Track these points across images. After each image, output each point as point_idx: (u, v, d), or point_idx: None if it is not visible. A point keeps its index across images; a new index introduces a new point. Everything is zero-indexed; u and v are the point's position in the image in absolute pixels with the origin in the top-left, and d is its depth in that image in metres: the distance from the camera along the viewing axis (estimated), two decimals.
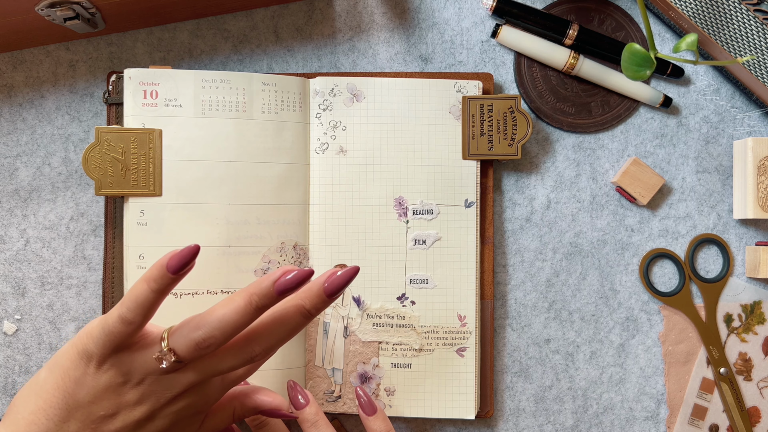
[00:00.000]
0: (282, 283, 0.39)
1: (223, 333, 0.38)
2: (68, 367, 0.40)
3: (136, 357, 0.40)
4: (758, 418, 0.55)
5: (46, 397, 0.40)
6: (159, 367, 0.39)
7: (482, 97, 0.53)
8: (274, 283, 0.39)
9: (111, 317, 0.39)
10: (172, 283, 0.39)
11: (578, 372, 0.56)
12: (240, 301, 0.39)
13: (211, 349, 0.39)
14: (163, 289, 0.39)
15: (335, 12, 0.56)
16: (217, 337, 0.38)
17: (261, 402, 0.46)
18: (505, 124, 0.53)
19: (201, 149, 0.51)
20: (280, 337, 0.40)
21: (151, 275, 0.38)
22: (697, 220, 0.56)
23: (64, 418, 0.40)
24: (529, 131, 0.53)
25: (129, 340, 0.40)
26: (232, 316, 0.38)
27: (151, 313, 0.39)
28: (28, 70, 0.55)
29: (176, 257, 0.38)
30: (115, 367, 0.40)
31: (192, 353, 0.39)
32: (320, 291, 0.40)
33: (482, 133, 0.53)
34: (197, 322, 0.39)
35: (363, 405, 0.50)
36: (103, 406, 0.40)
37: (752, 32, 0.52)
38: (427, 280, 0.53)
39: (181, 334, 0.39)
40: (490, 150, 0.53)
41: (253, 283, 0.39)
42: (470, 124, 0.53)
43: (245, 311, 0.39)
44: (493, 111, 0.53)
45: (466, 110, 0.53)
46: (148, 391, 0.40)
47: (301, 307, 0.40)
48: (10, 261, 0.55)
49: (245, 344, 0.40)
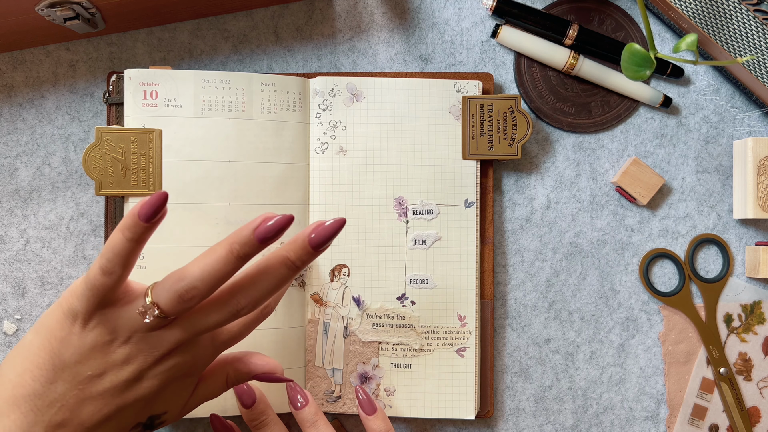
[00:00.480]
0: (262, 230, 0.38)
1: (206, 284, 0.37)
2: (54, 327, 0.40)
3: (121, 313, 0.39)
4: (758, 418, 0.55)
5: (32, 358, 0.39)
6: (143, 322, 0.39)
7: (482, 97, 0.53)
8: (254, 230, 0.38)
9: (92, 271, 0.38)
10: (146, 231, 0.38)
11: (578, 372, 0.56)
12: (221, 250, 0.38)
13: (194, 302, 0.38)
14: (138, 238, 0.38)
15: (335, 12, 0.56)
16: (199, 288, 0.38)
17: (254, 366, 0.45)
18: (505, 124, 0.53)
19: (201, 149, 0.51)
20: (265, 289, 0.39)
21: (125, 224, 0.38)
22: (697, 220, 0.56)
23: (50, 379, 0.39)
24: (529, 131, 0.53)
25: (113, 294, 0.39)
26: (214, 265, 0.37)
27: (131, 262, 0.39)
28: (28, 70, 0.55)
29: (146, 205, 0.37)
30: (101, 325, 0.39)
31: (175, 306, 0.38)
32: (305, 242, 0.39)
33: (482, 133, 0.53)
34: (179, 274, 0.38)
35: (362, 404, 0.50)
36: (90, 365, 0.39)
37: (752, 32, 0.52)
38: (427, 280, 0.53)
39: (164, 287, 0.38)
40: (490, 150, 0.53)
41: (234, 231, 0.38)
42: (470, 124, 0.53)
43: (227, 260, 0.38)
44: (493, 111, 0.53)
45: (466, 110, 0.53)
46: (135, 349, 0.39)
47: (286, 258, 0.39)
48: (10, 261, 0.55)
49: (229, 297, 0.39)
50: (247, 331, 0.44)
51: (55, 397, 0.39)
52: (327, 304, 0.53)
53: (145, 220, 0.37)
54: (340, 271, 0.53)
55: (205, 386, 0.44)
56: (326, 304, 0.53)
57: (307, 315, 0.53)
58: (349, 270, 0.53)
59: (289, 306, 0.52)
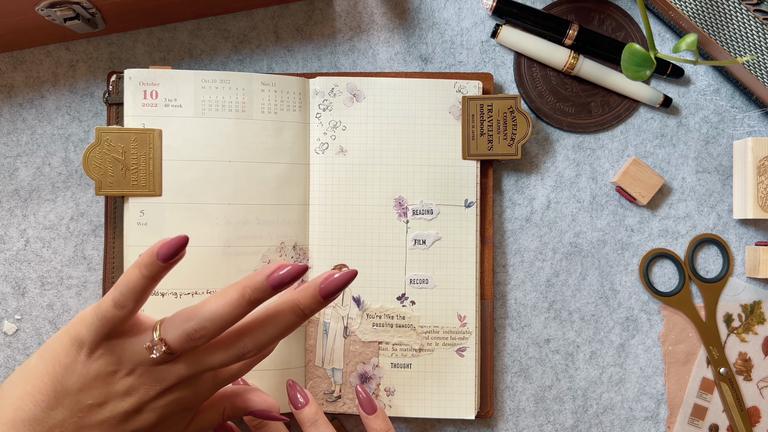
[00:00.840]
0: (276, 277, 0.38)
1: (215, 325, 0.38)
2: (59, 353, 0.40)
3: (128, 345, 0.40)
4: (758, 418, 0.55)
5: (35, 382, 0.40)
6: (150, 356, 0.39)
7: (482, 97, 0.53)
8: (268, 277, 0.38)
9: (104, 302, 0.39)
10: (163, 270, 0.39)
11: (578, 372, 0.56)
12: (233, 293, 0.38)
13: (202, 341, 0.39)
14: (154, 276, 0.39)
15: (335, 12, 0.56)
16: (208, 329, 0.38)
17: (252, 403, 0.45)
18: (505, 124, 0.53)
19: (201, 149, 0.51)
20: (272, 334, 0.40)
21: (142, 261, 0.38)
22: (696, 220, 0.56)
23: (51, 405, 0.39)
24: (529, 131, 0.53)
25: (121, 327, 0.40)
26: (225, 308, 0.38)
27: (143, 298, 0.39)
28: (28, 70, 0.55)
29: (165, 246, 0.38)
30: (107, 355, 0.39)
31: (183, 344, 0.38)
32: (316, 292, 0.39)
33: (482, 133, 0.53)
34: (189, 313, 0.39)
35: (363, 403, 0.50)
36: (92, 394, 0.40)
37: (752, 32, 0.52)
38: (427, 280, 0.53)
39: (173, 324, 0.39)
40: (490, 150, 0.53)
41: (248, 276, 0.39)
42: (470, 124, 0.53)
43: (238, 304, 0.38)
44: (493, 111, 0.53)
45: (465, 110, 0.53)
46: (138, 382, 0.40)
47: (296, 306, 0.40)
48: (10, 261, 0.55)
49: (237, 339, 0.40)
50: (246, 370, 0.44)
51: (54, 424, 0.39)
52: None
53: (163, 260, 0.38)
54: (340, 271, 0.53)
55: (201, 418, 0.45)
56: None
57: None
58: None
59: None
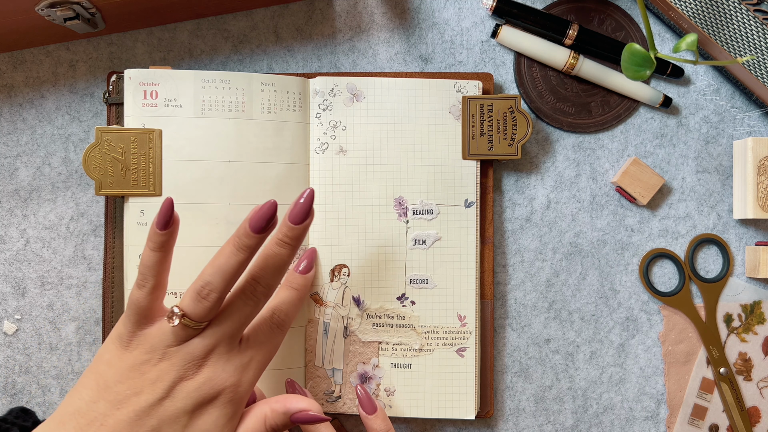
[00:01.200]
0: (254, 219, 0.42)
1: (218, 278, 0.41)
2: (102, 352, 0.43)
3: (155, 331, 0.42)
4: (758, 418, 0.55)
5: (83, 380, 0.43)
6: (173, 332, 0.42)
7: (482, 97, 0.53)
8: (248, 222, 0.42)
9: (131, 290, 0.43)
10: (167, 239, 0.42)
11: (578, 372, 0.56)
12: (226, 247, 0.42)
13: (212, 297, 0.41)
14: (161, 246, 0.42)
15: (335, 12, 0.56)
16: (213, 283, 0.41)
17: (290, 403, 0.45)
18: (505, 124, 0.53)
19: (201, 149, 0.51)
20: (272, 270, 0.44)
21: (148, 237, 0.43)
22: (696, 220, 0.56)
23: (93, 399, 0.42)
24: (529, 131, 0.53)
25: (150, 310, 0.43)
26: (222, 260, 0.42)
27: (161, 273, 0.43)
28: (28, 70, 0.55)
29: (159, 216, 0.42)
30: (140, 346, 0.42)
31: (196, 305, 0.41)
32: (285, 220, 0.44)
33: (482, 133, 0.53)
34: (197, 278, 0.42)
35: (363, 402, 0.50)
36: (129, 384, 0.42)
37: (752, 32, 0.52)
38: (427, 280, 0.53)
39: (186, 293, 0.42)
40: (490, 150, 0.53)
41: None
42: (470, 124, 0.53)
43: (231, 253, 0.42)
44: (493, 111, 0.53)
45: (466, 110, 0.53)
46: (168, 365, 0.42)
47: (278, 239, 0.44)
48: (10, 261, 0.55)
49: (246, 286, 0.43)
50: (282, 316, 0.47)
51: (96, 416, 0.41)
52: (327, 304, 0.53)
53: (162, 228, 0.42)
54: (340, 271, 0.53)
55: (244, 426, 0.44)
56: (326, 304, 0.53)
57: (307, 315, 0.53)
58: (349, 270, 0.53)
59: None
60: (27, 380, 0.55)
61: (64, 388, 0.55)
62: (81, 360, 0.55)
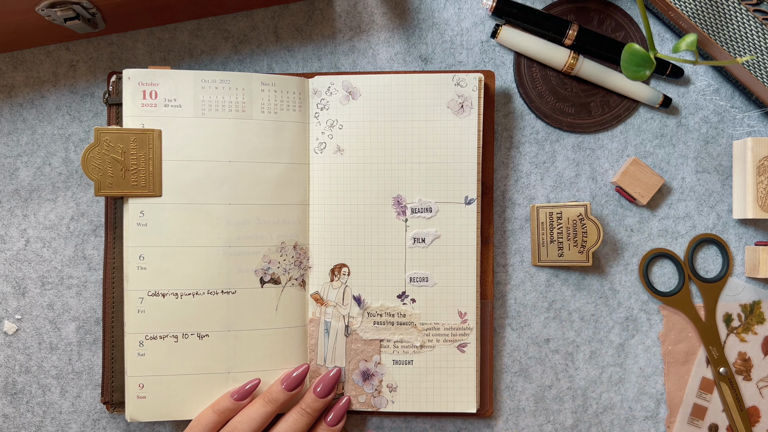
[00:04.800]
0: (288, 380, 0.51)
1: (248, 424, 0.50)
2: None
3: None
4: (757, 418, 0.56)
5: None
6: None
7: (551, 205, 0.53)
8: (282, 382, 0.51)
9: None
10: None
11: (578, 372, 0.56)
12: (258, 399, 0.51)
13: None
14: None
15: (335, 12, 0.56)
16: (242, 429, 0.50)
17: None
18: (575, 230, 0.53)
19: (201, 149, 0.51)
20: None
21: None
22: (696, 220, 0.56)
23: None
24: (600, 238, 0.53)
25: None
26: (254, 409, 0.50)
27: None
28: (28, 70, 0.55)
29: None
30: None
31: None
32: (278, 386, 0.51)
33: (552, 240, 0.53)
34: (227, 423, 0.50)
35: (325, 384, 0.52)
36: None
37: (752, 32, 0.52)
38: (427, 278, 0.53)
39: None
40: (561, 257, 0.53)
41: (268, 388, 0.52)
42: (539, 231, 0.53)
43: (262, 404, 0.50)
44: (562, 218, 0.53)
45: (535, 217, 0.53)
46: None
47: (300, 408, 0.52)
48: (11, 261, 0.55)
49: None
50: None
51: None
52: (328, 303, 0.53)
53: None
54: (340, 270, 0.53)
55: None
56: (327, 303, 0.53)
57: (308, 314, 0.53)
58: (349, 269, 0.53)
59: (290, 306, 0.52)
60: (27, 380, 0.55)
61: (64, 388, 0.55)
62: (81, 360, 0.55)
